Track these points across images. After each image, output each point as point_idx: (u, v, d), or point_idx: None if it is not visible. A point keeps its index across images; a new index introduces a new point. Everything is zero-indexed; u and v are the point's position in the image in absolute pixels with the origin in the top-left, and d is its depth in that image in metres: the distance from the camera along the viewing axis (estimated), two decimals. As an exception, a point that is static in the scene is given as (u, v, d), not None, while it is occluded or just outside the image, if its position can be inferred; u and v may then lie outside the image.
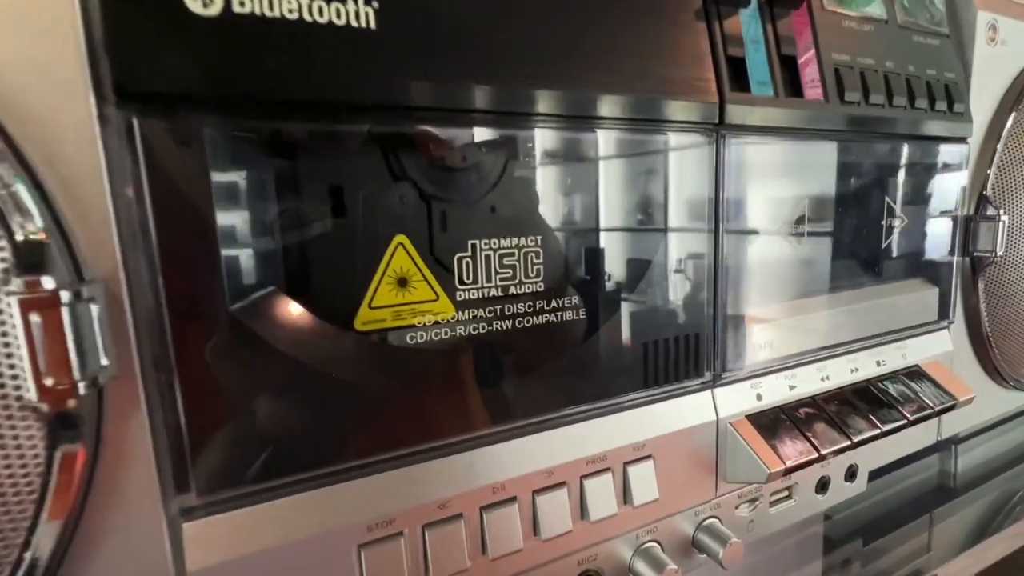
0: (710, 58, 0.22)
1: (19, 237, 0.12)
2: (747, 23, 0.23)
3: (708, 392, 0.24)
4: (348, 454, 0.17)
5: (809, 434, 0.25)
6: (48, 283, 0.12)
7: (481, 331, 0.19)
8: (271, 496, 0.16)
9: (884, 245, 0.30)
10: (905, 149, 0.30)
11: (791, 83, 0.24)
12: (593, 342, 0.21)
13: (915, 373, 0.30)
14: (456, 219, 0.18)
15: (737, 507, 0.26)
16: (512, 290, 0.19)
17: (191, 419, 0.15)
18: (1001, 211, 0.32)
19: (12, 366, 0.12)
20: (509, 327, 0.19)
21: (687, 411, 0.23)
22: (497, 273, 0.19)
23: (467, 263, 0.18)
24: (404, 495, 0.18)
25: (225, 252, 0.15)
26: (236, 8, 0.14)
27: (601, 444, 0.21)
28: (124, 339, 0.14)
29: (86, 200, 0.13)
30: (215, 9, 0.14)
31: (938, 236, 0.32)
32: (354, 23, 0.15)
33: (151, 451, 0.14)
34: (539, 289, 0.19)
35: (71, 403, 0.13)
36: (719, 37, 0.22)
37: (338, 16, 0.15)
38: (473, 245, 0.18)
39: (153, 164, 0.14)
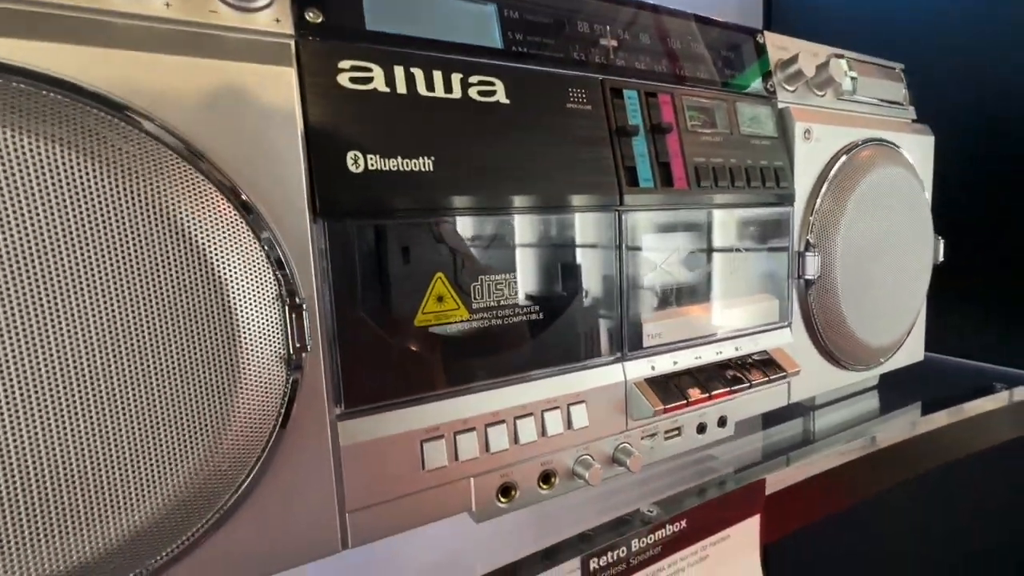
0: (614, 168, 0.37)
1: (283, 279, 0.26)
2: (638, 144, 0.39)
3: (620, 365, 0.39)
4: (415, 392, 0.32)
5: (683, 390, 0.40)
6: (298, 300, 0.27)
7: (484, 326, 0.34)
8: (380, 411, 0.30)
9: (742, 271, 0.46)
10: (755, 211, 0.46)
11: (666, 178, 0.40)
12: (549, 333, 0.36)
13: (763, 356, 0.46)
14: (469, 264, 0.33)
15: (642, 438, 0.41)
16: (501, 302, 0.34)
17: (344, 369, 0.29)
18: (817, 248, 0.48)
19: (277, 339, 0.26)
20: (500, 323, 0.34)
21: (607, 376, 0.38)
22: (493, 293, 0.34)
23: (476, 288, 0.33)
24: (444, 415, 0.32)
25: (361, 284, 0.29)
26: (371, 167, 0.29)
27: (554, 392, 0.36)
28: (316, 328, 0.28)
29: (303, 261, 0.27)
30: (360, 169, 0.29)
31: (780, 266, 0.48)
32: (423, 169, 0.30)
33: (324, 384, 0.29)
34: (516, 302, 0.34)
35: (295, 360, 0.27)
36: (620, 155, 0.38)
37: (416, 167, 0.30)
38: (480, 278, 0.33)
39: (333, 243, 0.28)
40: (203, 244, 0.24)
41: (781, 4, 0.91)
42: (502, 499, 0.35)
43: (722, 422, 0.45)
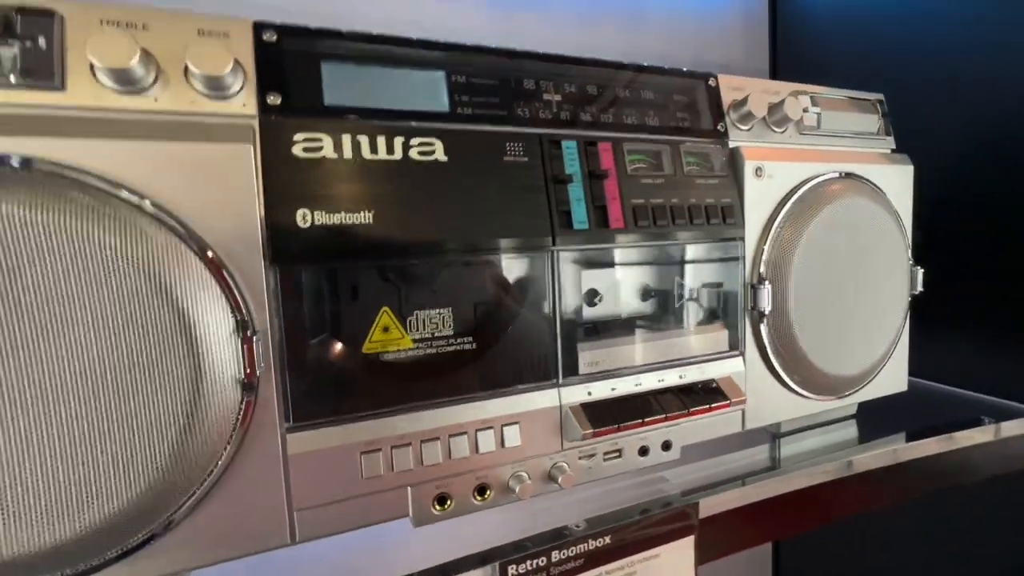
0: (548, 212, 0.42)
1: (239, 317, 0.32)
2: (574, 190, 0.43)
3: (556, 390, 0.43)
4: (356, 410, 0.37)
5: (616, 416, 0.43)
6: (249, 333, 0.33)
7: (423, 354, 0.39)
8: (324, 426, 0.36)
9: (690, 303, 0.49)
10: (703, 245, 0.49)
11: (602, 220, 0.44)
12: (485, 361, 0.40)
13: (708, 384, 0.49)
14: (410, 300, 0.38)
15: (580, 458, 0.44)
16: (437, 333, 0.39)
17: (292, 390, 0.35)
18: (769, 281, 0.50)
19: (234, 366, 0.32)
20: (436, 352, 0.39)
21: (543, 400, 0.42)
22: (430, 325, 0.39)
23: (415, 321, 0.38)
24: (382, 431, 0.37)
25: (309, 318, 0.35)
26: (316, 223, 0.34)
27: (489, 413, 0.40)
28: (269, 356, 0.34)
29: (259, 300, 0.33)
30: (307, 224, 0.34)
31: (732, 297, 0.50)
32: (363, 222, 0.36)
33: (276, 402, 0.34)
34: (451, 333, 0.39)
35: (248, 383, 0.33)
36: (553, 200, 0.42)
37: (356, 220, 0.36)
38: (417, 312, 0.38)
39: (284, 286, 0.34)
40: (176, 294, 0.30)
41: (786, 49, 0.91)
42: (438, 507, 0.40)
43: (666, 446, 0.48)
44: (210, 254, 0.32)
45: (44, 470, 0.28)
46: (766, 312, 0.50)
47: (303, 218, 0.34)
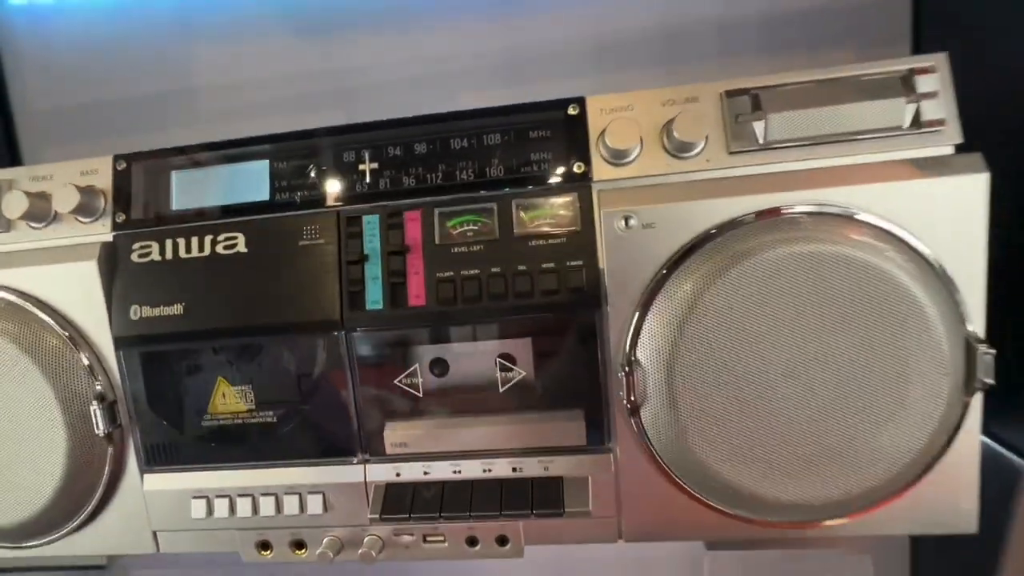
0: (338, 293, 0.41)
1: (99, 388, 0.44)
2: (370, 268, 0.41)
3: (362, 466, 0.43)
4: (194, 462, 0.45)
5: (413, 504, 0.41)
6: (100, 391, 0.44)
7: (233, 423, 0.44)
8: (168, 472, 0.45)
9: (530, 384, 0.41)
10: (538, 316, 0.40)
11: (400, 298, 0.41)
12: (289, 432, 0.44)
13: (549, 483, 0.41)
14: (238, 375, 0.44)
15: (397, 535, 0.44)
16: (245, 405, 0.44)
17: (144, 444, 0.45)
18: (649, 366, 0.38)
19: (94, 424, 0.44)
20: (243, 422, 0.44)
21: (348, 474, 0.43)
22: (240, 398, 0.44)
23: (228, 393, 0.44)
24: (211, 483, 0.45)
25: (147, 388, 0.45)
26: (143, 315, 0.43)
27: (295, 480, 0.44)
28: (125, 415, 0.45)
29: (113, 374, 0.45)
30: (137, 317, 0.43)
31: (589, 380, 0.40)
32: (176, 313, 0.43)
33: (135, 451, 0.45)
34: (252, 407, 0.44)
35: (110, 436, 0.44)
36: (344, 281, 0.41)
37: (171, 312, 0.43)
38: (231, 387, 0.44)
39: (128, 364, 0.44)
40: (48, 369, 0.43)
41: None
42: (263, 551, 0.46)
43: (502, 541, 0.43)
44: (72, 337, 0.44)
45: None
46: (643, 409, 0.39)
47: (134, 312, 0.44)
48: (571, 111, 0.41)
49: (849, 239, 0.35)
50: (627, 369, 0.39)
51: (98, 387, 0.44)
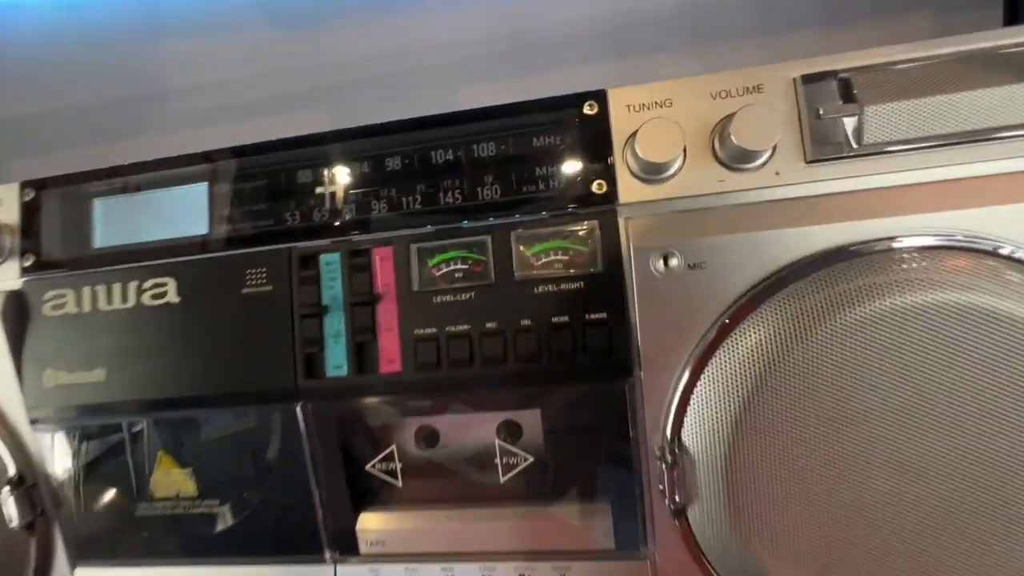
0: (291, 356, 0.32)
1: (17, 470, 0.36)
2: (331, 322, 0.32)
3: (332, 567, 0.34)
4: (131, 555, 0.37)
5: (394, 621, 0.32)
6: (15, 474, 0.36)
7: (173, 512, 0.36)
8: (100, 565, 0.37)
9: (543, 470, 0.32)
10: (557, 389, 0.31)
11: (369, 362, 0.32)
12: (240, 526, 0.35)
13: (568, 597, 0.31)
14: (179, 452, 0.36)
15: (377, 650, 0.35)
16: (182, 494, 0.35)
17: (70, 535, 0.37)
18: (697, 457, 0.28)
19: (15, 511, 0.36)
20: (185, 512, 0.36)
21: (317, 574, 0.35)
22: (179, 484, 0.36)
23: (163, 479, 0.36)
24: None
25: (70, 471, 0.37)
26: (59, 382, 0.35)
27: (252, 582, 0.35)
28: (47, 502, 0.37)
29: (30, 454, 0.37)
30: (52, 384, 0.35)
31: (618, 470, 0.31)
32: (96, 380, 0.35)
33: (63, 546, 0.38)
34: (194, 494, 0.35)
35: (31, 525, 0.37)
36: (298, 340, 0.32)
37: (91, 379, 0.35)
38: (166, 472, 0.36)
39: (42, 443, 0.36)
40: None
41: None
42: (219, 662, 0.37)
43: (508, 664, 0.34)
44: (-9, 416, 0.36)
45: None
46: (692, 508, 0.29)
47: (48, 379, 0.35)
48: (587, 110, 0.30)
49: (994, 284, 0.25)
50: (669, 457, 0.29)
51: (11, 469, 0.36)
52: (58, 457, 0.37)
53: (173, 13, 0.64)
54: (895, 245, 0.26)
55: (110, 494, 0.37)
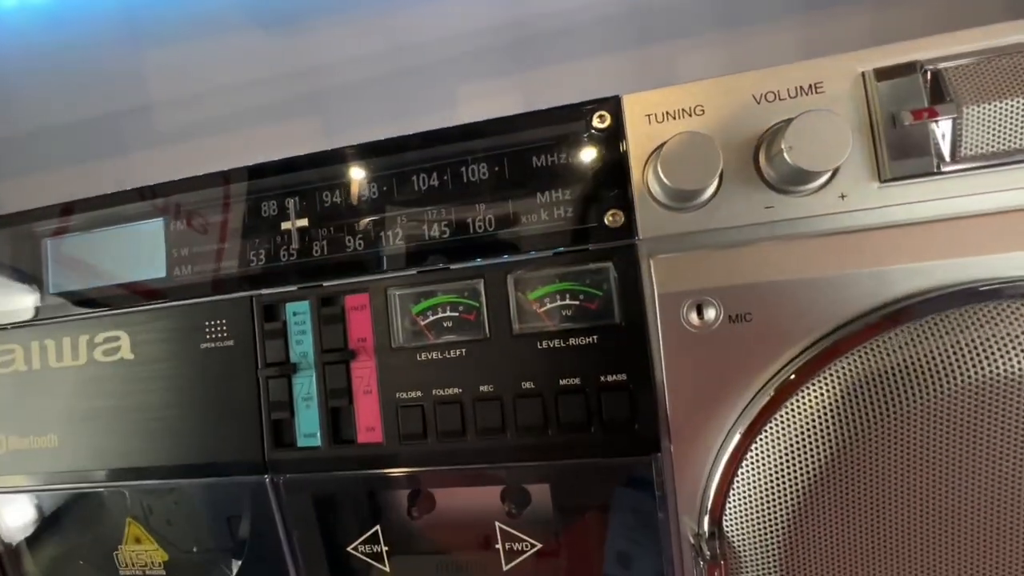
0: (258, 423, 0.28)
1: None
2: (301, 384, 0.27)
3: (317, 657, 0.30)
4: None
5: None
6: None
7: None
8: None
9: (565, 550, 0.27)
10: (567, 465, 0.25)
11: (346, 431, 0.27)
12: (215, 605, 0.31)
13: None
14: (151, 521, 0.32)
15: None
16: (149, 573, 0.31)
17: (36, 607, 0.34)
18: (736, 539, 0.23)
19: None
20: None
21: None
22: (144, 564, 0.32)
23: (122, 555, 0.32)
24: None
25: (29, 543, 0.33)
26: (11, 447, 0.31)
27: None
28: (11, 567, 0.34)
29: (-13, 523, 0.33)
30: (4, 451, 0.31)
31: (647, 549, 0.25)
32: (49, 446, 0.31)
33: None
34: (163, 573, 0.31)
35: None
36: (264, 404, 0.28)
37: (44, 444, 0.31)
38: (129, 550, 0.32)
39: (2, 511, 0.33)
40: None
41: None
42: None
43: None
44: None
45: None
46: (735, 603, 0.23)
47: (2, 444, 0.32)
48: (597, 122, 0.25)
49: None
50: (707, 550, 0.23)
51: (-31, 541, 0.33)
52: (17, 526, 0.33)
53: (153, 19, 0.60)
54: (1012, 288, 0.20)
55: (73, 569, 0.34)
